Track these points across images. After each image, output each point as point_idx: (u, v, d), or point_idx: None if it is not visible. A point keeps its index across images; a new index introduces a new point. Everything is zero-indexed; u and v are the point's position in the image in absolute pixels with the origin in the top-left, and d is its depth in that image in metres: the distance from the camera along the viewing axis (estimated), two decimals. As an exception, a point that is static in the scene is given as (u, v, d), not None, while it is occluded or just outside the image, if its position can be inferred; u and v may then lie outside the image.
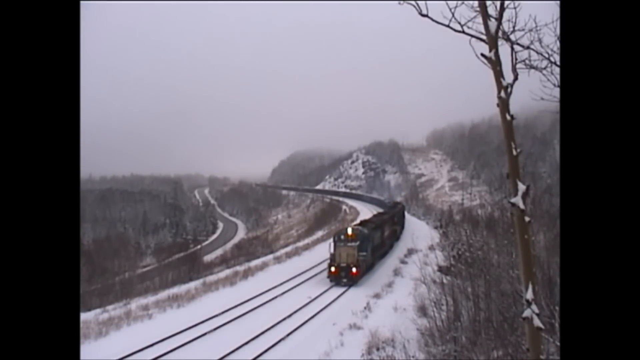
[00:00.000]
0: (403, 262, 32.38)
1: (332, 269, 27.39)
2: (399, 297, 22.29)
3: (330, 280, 27.46)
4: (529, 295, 4.22)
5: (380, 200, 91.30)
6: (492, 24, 4.44)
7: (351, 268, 27.02)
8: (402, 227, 53.22)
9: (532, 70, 4.87)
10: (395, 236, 44.35)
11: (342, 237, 29.23)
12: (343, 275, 27.14)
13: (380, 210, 63.84)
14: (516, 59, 4.67)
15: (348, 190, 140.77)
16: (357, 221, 51.63)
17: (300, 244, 48.41)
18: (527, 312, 4.24)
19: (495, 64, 4.47)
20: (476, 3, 4.50)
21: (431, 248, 27.44)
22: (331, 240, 30.57)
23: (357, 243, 28.35)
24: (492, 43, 4.46)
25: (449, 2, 4.47)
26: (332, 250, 28.70)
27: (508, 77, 4.54)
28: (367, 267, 29.75)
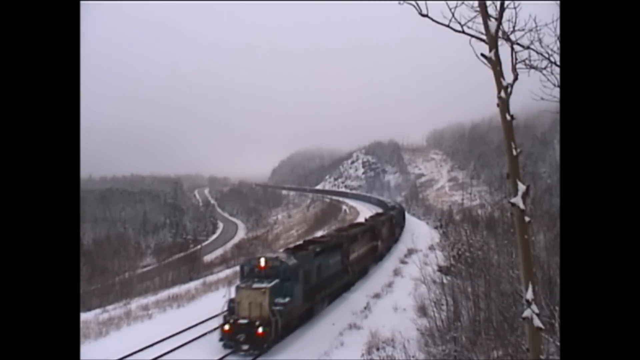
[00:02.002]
0: (403, 262, 32.34)
1: (227, 325, 16.30)
2: (399, 297, 22.28)
3: (224, 345, 16.23)
4: (529, 295, 4.23)
5: (383, 201, 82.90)
6: (492, 24, 4.44)
7: (256, 327, 15.95)
8: (395, 239, 41.94)
9: (532, 70, 4.88)
10: (374, 255, 31.67)
11: (254, 269, 17.66)
12: (242, 338, 15.98)
13: (381, 210, 62.03)
14: (516, 59, 4.68)
15: (348, 190, 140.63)
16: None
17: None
18: (527, 312, 4.25)
19: (495, 64, 4.47)
20: (476, 3, 4.51)
21: (431, 248, 27.42)
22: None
23: (273, 283, 16.85)
24: (492, 43, 4.46)
25: (449, 2, 4.48)
26: (230, 293, 17.43)
27: (508, 77, 4.54)
28: (291, 323, 17.80)
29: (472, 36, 4.56)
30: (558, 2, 3.97)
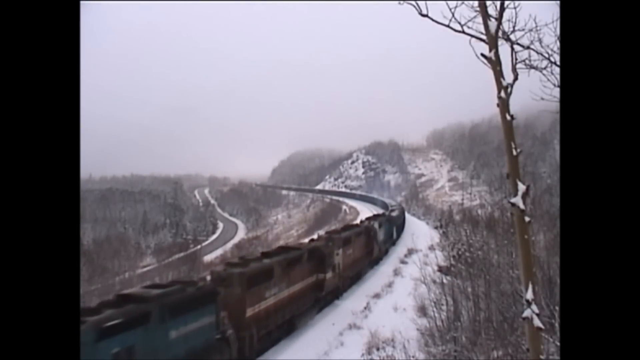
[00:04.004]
0: (403, 262, 32.33)
1: None
2: (399, 297, 22.28)
3: None
4: (529, 295, 4.23)
5: (385, 202, 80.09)
6: (492, 24, 4.45)
7: None
8: (373, 260, 31.53)
9: (532, 70, 4.87)
10: (318, 295, 21.03)
11: None
12: None
13: (381, 211, 59.86)
14: (516, 59, 4.68)
15: (348, 190, 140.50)
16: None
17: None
18: (527, 312, 4.25)
19: (495, 64, 4.47)
20: (476, 3, 4.51)
21: (431, 248, 27.40)
22: None
23: None
24: (492, 43, 4.46)
25: (449, 2, 4.48)
26: None
27: (508, 77, 4.54)
28: None
29: (472, 36, 4.56)
30: (558, 2, 3.97)
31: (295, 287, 18.48)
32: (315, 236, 28.05)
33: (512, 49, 4.67)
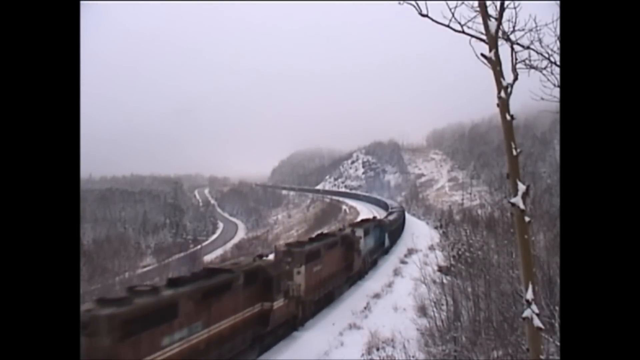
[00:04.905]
0: (403, 262, 32.34)
1: None
2: (399, 297, 22.27)
3: None
4: (529, 295, 4.23)
5: (386, 203, 78.45)
6: (492, 24, 4.45)
7: None
8: (356, 274, 26.59)
9: (532, 70, 4.87)
10: (261, 330, 15.75)
11: None
12: None
13: (382, 211, 58.87)
14: (516, 59, 4.68)
15: (348, 190, 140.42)
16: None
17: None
18: (527, 312, 4.25)
19: (495, 64, 4.47)
20: (476, 3, 4.51)
21: (431, 248, 27.40)
22: None
23: None
24: (492, 43, 4.46)
25: (449, 2, 4.48)
26: None
27: (508, 77, 4.54)
28: None
29: (472, 36, 4.56)
30: (558, 2, 3.97)
31: (221, 324, 13.26)
32: (272, 253, 22.88)
33: (512, 49, 4.67)
